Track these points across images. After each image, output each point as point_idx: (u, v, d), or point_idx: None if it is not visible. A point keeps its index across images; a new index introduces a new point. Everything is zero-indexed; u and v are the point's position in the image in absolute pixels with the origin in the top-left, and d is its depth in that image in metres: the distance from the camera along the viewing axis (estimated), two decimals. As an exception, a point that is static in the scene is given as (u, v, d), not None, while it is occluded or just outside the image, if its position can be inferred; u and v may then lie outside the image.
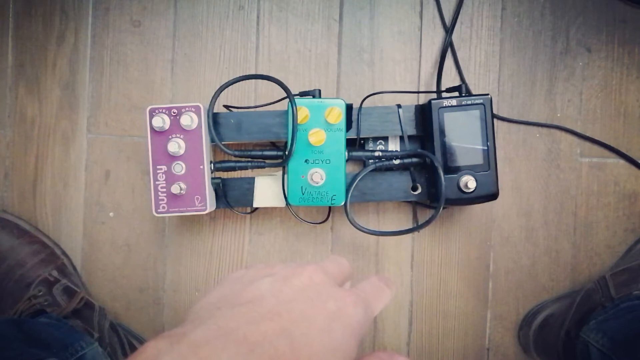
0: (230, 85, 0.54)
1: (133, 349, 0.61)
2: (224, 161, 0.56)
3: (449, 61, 0.63)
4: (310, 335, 0.24)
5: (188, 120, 0.52)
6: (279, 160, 0.55)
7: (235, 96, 0.63)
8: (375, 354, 0.28)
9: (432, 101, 0.54)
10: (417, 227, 0.55)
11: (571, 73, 0.63)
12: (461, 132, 0.54)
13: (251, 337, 0.23)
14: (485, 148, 0.54)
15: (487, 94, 0.54)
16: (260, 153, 0.56)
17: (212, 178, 0.56)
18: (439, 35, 0.63)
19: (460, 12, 0.63)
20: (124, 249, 0.65)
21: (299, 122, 0.53)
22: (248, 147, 0.59)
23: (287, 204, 0.56)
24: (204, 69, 0.64)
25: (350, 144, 0.56)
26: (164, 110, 0.53)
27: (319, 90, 0.55)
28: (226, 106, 0.61)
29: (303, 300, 0.26)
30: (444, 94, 0.59)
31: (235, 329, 0.23)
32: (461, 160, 0.55)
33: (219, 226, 0.64)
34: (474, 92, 0.62)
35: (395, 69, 0.64)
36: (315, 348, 0.24)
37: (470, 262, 0.64)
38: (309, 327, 0.25)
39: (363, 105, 0.57)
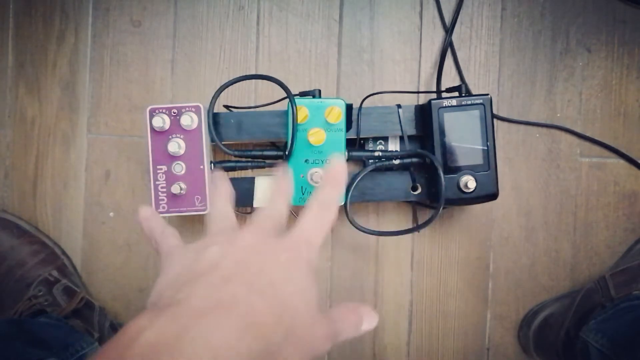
0: (230, 85, 0.54)
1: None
2: (224, 161, 0.56)
3: (448, 61, 0.63)
4: (275, 287, 0.25)
5: (188, 120, 0.52)
6: (279, 160, 0.55)
7: (235, 96, 0.63)
8: (345, 305, 0.30)
9: (432, 101, 0.54)
10: (417, 227, 0.55)
11: (571, 73, 0.63)
12: (461, 132, 0.54)
13: (224, 301, 0.23)
14: (485, 148, 0.55)
15: (487, 94, 0.54)
16: (260, 153, 0.56)
17: (212, 178, 0.56)
18: (438, 35, 0.63)
19: (460, 12, 0.63)
20: (124, 249, 0.65)
21: (298, 122, 0.53)
22: (248, 147, 0.59)
23: (287, 204, 0.56)
24: (204, 69, 0.64)
25: (350, 144, 0.56)
26: (164, 110, 0.53)
27: (319, 90, 0.55)
28: (226, 106, 0.61)
29: (255, 257, 0.27)
30: (444, 94, 0.59)
31: (206, 297, 0.24)
32: (461, 160, 0.55)
33: (219, 226, 0.64)
34: (473, 92, 0.62)
35: (395, 69, 0.64)
36: (283, 297, 0.25)
37: (470, 262, 0.64)
38: (271, 280, 0.26)
39: (363, 105, 0.57)
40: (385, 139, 0.58)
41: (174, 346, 0.21)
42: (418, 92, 0.63)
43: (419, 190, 0.58)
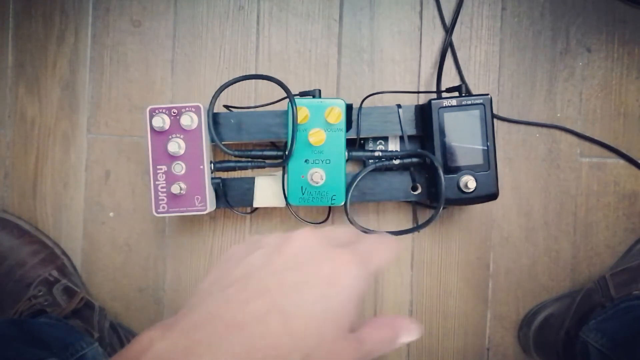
0: (230, 85, 0.54)
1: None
2: (224, 161, 0.56)
3: (449, 61, 0.63)
4: (303, 307, 0.24)
5: (188, 120, 0.52)
6: (279, 160, 0.55)
7: (235, 96, 0.63)
8: (380, 318, 0.27)
9: (432, 101, 0.54)
10: (417, 227, 0.55)
11: (571, 73, 0.63)
12: (461, 132, 0.54)
13: (239, 317, 0.23)
14: (485, 148, 0.54)
15: (487, 94, 0.54)
16: (260, 153, 0.56)
17: (212, 178, 0.56)
18: (438, 35, 0.63)
19: (460, 12, 0.63)
20: (124, 249, 0.65)
21: (299, 122, 0.53)
22: (248, 147, 0.59)
23: (287, 204, 0.56)
24: (204, 69, 0.64)
25: (350, 144, 0.56)
26: (164, 110, 0.53)
27: (319, 90, 0.55)
28: (226, 106, 0.61)
29: (294, 268, 0.25)
30: (444, 94, 0.59)
31: (224, 312, 0.23)
32: (461, 160, 0.55)
33: (219, 226, 0.64)
34: (473, 92, 0.62)
35: (395, 69, 0.64)
36: (308, 319, 0.24)
37: (470, 262, 0.64)
38: (301, 298, 0.24)
39: (363, 105, 0.57)
40: (385, 139, 0.58)
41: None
42: (418, 92, 0.63)
43: (419, 190, 0.58)
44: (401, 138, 0.57)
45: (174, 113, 0.53)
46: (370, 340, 0.26)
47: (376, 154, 0.56)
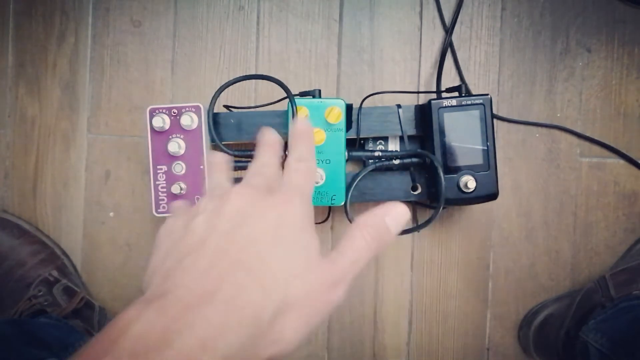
0: (230, 85, 0.54)
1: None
2: (224, 161, 0.56)
3: (448, 61, 0.63)
4: (263, 256, 0.24)
5: (188, 120, 0.52)
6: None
7: (235, 96, 0.63)
8: (350, 227, 0.28)
9: (432, 101, 0.54)
10: (417, 227, 0.55)
11: (571, 73, 0.63)
12: (461, 132, 0.54)
13: (208, 286, 0.23)
14: (485, 148, 0.55)
15: (487, 94, 0.55)
16: (260, 153, 0.56)
17: (212, 178, 0.56)
18: (438, 35, 0.63)
19: (460, 12, 0.63)
20: (124, 249, 0.65)
21: (299, 122, 0.53)
22: (248, 147, 0.59)
23: (287, 204, 0.56)
24: (204, 69, 0.64)
25: (350, 144, 0.56)
26: (164, 110, 0.53)
27: (319, 90, 0.55)
28: (226, 106, 0.61)
29: (242, 224, 0.26)
30: (444, 94, 0.59)
31: (191, 283, 0.23)
32: (461, 160, 0.55)
33: (219, 226, 0.64)
34: (473, 92, 0.62)
35: (395, 69, 0.64)
36: (272, 265, 0.24)
37: (470, 262, 0.64)
38: (258, 249, 0.24)
39: (363, 105, 0.57)
40: (385, 139, 0.58)
41: (162, 339, 0.21)
42: (418, 92, 0.63)
43: (419, 190, 0.58)
44: (401, 138, 0.57)
45: (174, 113, 0.53)
46: (347, 247, 0.27)
47: (376, 154, 0.56)
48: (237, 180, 0.33)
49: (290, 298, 0.24)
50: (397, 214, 0.28)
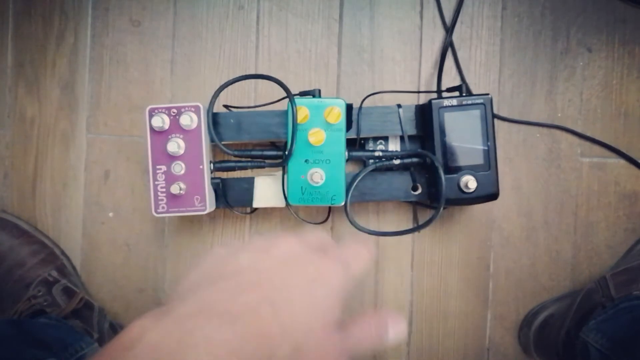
0: (230, 84, 0.54)
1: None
2: (223, 161, 0.56)
3: (449, 61, 0.63)
4: (292, 300, 0.25)
5: (188, 120, 0.52)
6: (279, 160, 0.55)
7: (235, 96, 0.63)
8: (368, 314, 0.29)
9: (433, 101, 0.54)
10: (417, 228, 0.55)
11: (571, 73, 0.63)
12: (461, 132, 0.54)
13: (233, 309, 0.23)
14: (486, 148, 0.54)
15: (488, 94, 0.54)
16: (260, 153, 0.56)
17: (212, 178, 0.56)
18: (439, 35, 0.63)
19: (461, 11, 0.63)
20: (124, 249, 0.65)
21: (298, 121, 0.53)
22: (248, 147, 0.59)
23: (287, 204, 0.56)
24: (203, 69, 0.64)
25: (350, 143, 0.56)
26: (163, 110, 0.53)
27: (319, 90, 0.54)
28: (226, 106, 0.61)
29: (282, 269, 0.27)
30: (444, 94, 0.59)
31: (217, 302, 0.24)
32: (461, 160, 0.54)
33: (219, 226, 0.64)
34: (474, 92, 0.62)
35: (395, 69, 0.63)
36: (296, 311, 0.25)
37: (471, 262, 0.64)
38: (289, 293, 0.25)
39: (363, 105, 0.57)
40: (386, 139, 0.58)
41: (176, 349, 0.21)
42: (418, 92, 0.63)
43: (419, 190, 0.58)
44: (401, 138, 0.57)
45: (174, 113, 0.53)
46: (355, 334, 0.28)
47: (376, 153, 0.56)
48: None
49: (303, 348, 0.24)
50: (401, 332, 0.29)
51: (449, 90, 0.58)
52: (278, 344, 0.23)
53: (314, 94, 0.54)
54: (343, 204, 0.55)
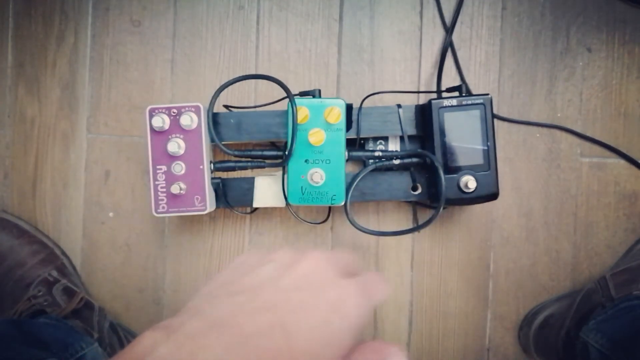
0: (230, 85, 0.54)
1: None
2: (223, 161, 0.56)
3: (449, 61, 0.63)
4: (307, 328, 0.24)
5: (188, 120, 0.52)
6: (279, 160, 0.55)
7: (235, 96, 0.63)
8: (369, 344, 0.27)
9: (432, 101, 0.54)
10: (417, 227, 0.55)
11: (571, 73, 0.63)
12: (461, 132, 0.54)
13: (246, 328, 0.23)
14: (486, 148, 0.54)
15: (487, 94, 0.54)
16: (260, 153, 0.56)
17: (212, 178, 0.56)
18: (439, 35, 0.63)
19: (461, 11, 0.63)
20: (124, 249, 0.65)
21: (298, 122, 0.53)
22: (248, 147, 0.59)
23: (287, 203, 0.56)
24: (203, 69, 0.64)
25: (350, 143, 0.56)
26: (163, 110, 0.53)
27: (319, 90, 0.55)
28: (226, 106, 0.61)
29: (302, 288, 0.26)
30: (444, 94, 0.59)
31: (230, 319, 0.23)
32: (461, 160, 0.54)
33: (219, 226, 0.64)
34: (474, 92, 0.62)
35: (395, 69, 0.63)
36: (310, 341, 0.24)
37: (471, 262, 0.64)
38: (306, 318, 0.24)
39: (363, 105, 0.57)
40: (386, 139, 0.58)
41: None
42: (418, 92, 0.63)
43: (419, 190, 0.58)
44: (401, 138, 0.57)
45: (174, 113, 0.53)
46: None
47: (376, 154, 0.56)
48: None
49: None
50: None
51: (449, 90, 0.58)
52: None
53: (314, 94, 0.54)
54: (343, 204, 0.55)
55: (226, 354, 0.21)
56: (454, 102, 0.54)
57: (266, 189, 0.58)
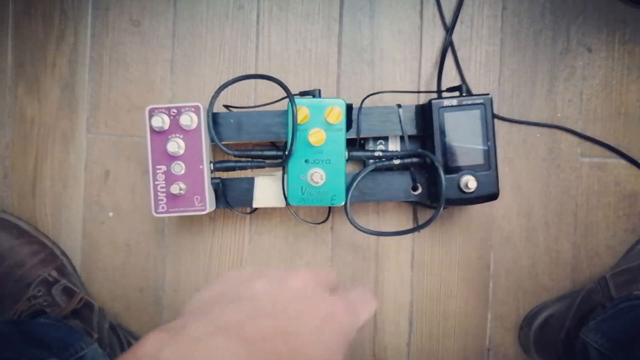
0: (230, 84, 0.54)
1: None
2: (223, 161, 0.56)
3: (449, 61, 0.63)
4: (304, 335, 0.25)
5: (188, 120, 0.52)
6: (279, 160, 0.55)
7: (235, 96, 0.63)
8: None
9: (433, 101, 0.54)
10: (417, 228, 0.55)
11: (571, 73, 0.63)
12: (461, 132, 0.54)
13: (249, 333, 0.23)
14: (486, 148, 0.54)
15: (488, 94, 0.54)
16: (260, 153, 0.56)
17: (212, 178, 0.56)
18: (439, 34, 0.63)
19: (461, 11, 0.62)
20: (124, 249, 0.65)
21: (298, 121, 0.53)
22: (248, 147, 0.59)
23: (287, 204, 0.56)
24: (203, 69, 0.64)
25: (350, 143, 0.56)
26: (163, 110, 0.53)
27: (319, 90, 0.54)
28: (226, 106, 0.61)
29: (297, 301, 0.27)
30: (445, 94, 0.59)
31: (233, 324, 0.24)
32: (461, 160, 0.54)
33: (219, 226, 0.64)
34: (474, 92, 0.62)
35: (395, 69, 0.63)
36: (307, 346, 0.25)
37: (471, 263, 0.64)
38: (303, 327, 0.26)
39: (363, 105, 0.57)
40: (386, 138, 0.58)
41: None
42: (418, 92, 0.63)
43: (419, 190, 0.58)
44: (401, 138, 0.57)
45: (174, 113, 0.53)
46: None
47: (376, 153, 0.56)
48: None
49: None
50: None
51: (449, 90, 0.57)
52: None
53: (314, 94, 0.54)
54: (343, 204, 0.55)
55: (232, 357, 0.22)
56: (454, 102, 0.54)
57: (266, 189, 0.58)
